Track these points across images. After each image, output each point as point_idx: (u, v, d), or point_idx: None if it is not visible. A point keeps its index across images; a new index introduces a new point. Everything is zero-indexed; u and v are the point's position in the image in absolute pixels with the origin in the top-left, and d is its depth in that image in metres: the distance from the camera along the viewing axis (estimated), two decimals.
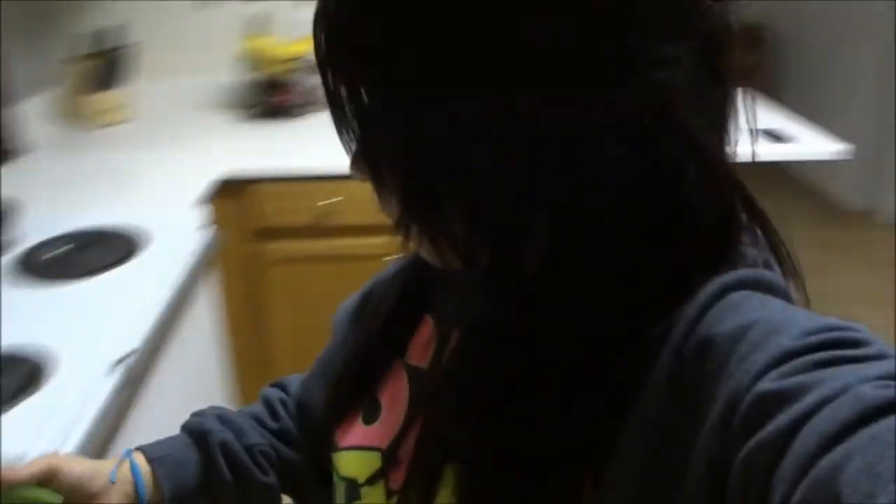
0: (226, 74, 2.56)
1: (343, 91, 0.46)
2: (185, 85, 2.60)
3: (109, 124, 2.41)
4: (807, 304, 0.46)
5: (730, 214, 0.46)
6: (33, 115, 2.23)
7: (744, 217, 0.47)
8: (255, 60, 2.41)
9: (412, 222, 0.48)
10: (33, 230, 1.56)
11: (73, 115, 2.42)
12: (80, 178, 2.00)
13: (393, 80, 0.44)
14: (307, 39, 2.28)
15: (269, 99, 2.46)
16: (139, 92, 2.49)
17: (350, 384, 0.65)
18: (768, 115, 2.48)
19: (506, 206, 0.44)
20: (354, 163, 0.50)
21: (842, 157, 2.26)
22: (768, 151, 2.20)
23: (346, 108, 0.47)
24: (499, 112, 0.41)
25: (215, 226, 1.74)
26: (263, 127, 2.41)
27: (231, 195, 2.03)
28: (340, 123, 0.48)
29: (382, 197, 0.50)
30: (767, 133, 2.27)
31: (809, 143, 2.24)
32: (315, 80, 2.46)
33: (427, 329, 0.62)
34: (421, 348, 0.62)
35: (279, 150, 2.22)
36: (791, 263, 0.48)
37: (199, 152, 2.17)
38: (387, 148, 0.46)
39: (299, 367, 0.79)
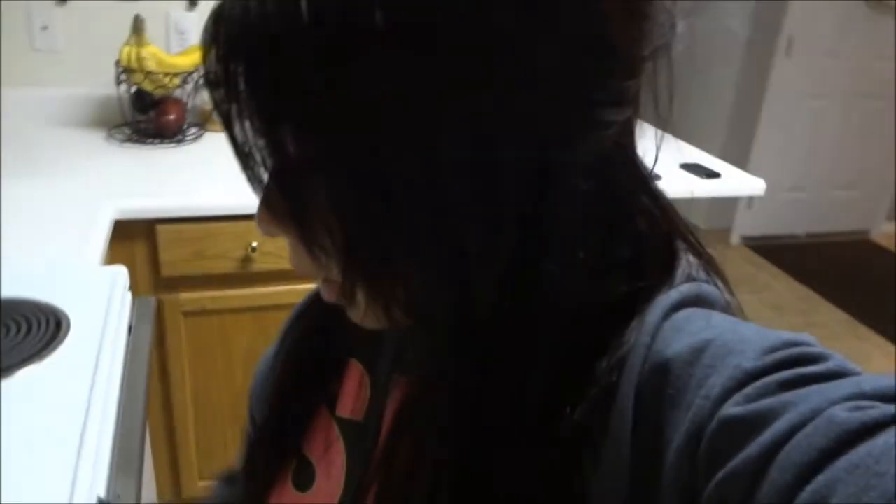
0: (96, 86, 2.14)
1: (257, 134, 0.40)
2: (47, 97, 2.16)
3: None
4: (741, 310, 0.46)
5: (670, 238, 0.46)
6: None
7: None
8: (134, 71, 2.02)
9: (358, 286, 0.43)
10: None
11: None
12: None
13: (336, 124, 0.38)
14: (195, 50, 1.94)
15: (149, 117, 2.08)
16: None
17: (271, 441, 0.60)
18: (689, 150, 2.46)
19: (470, 257, 0.41)
20: (270, 219, 0.44)
21: (757, 193, 2.28)
22: (701, 188, 2.17)
23: (259, 156, 0.41)
24: (463, 157, 0.38)
25: (130, 290, 1.39)
26: (146, 151, 2.02)
27: (126, 238, 1.66)
28: (251, 175, 0.42)
29: (312, 257, 0.44)
30: (696, 167, 2.24)
31: (732, 180, 2.23)
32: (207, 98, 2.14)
33: (354, 376, 0.58)
34: (351, 398, 0.58)
35: (178, 181, 1.85)
36: (722, 273, 0.48)
37: (78, 182, 1.77)
38: (322, 205, 0.41)
39: (208, 433, 0.63)
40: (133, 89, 2.09)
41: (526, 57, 0.37)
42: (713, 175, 2.21)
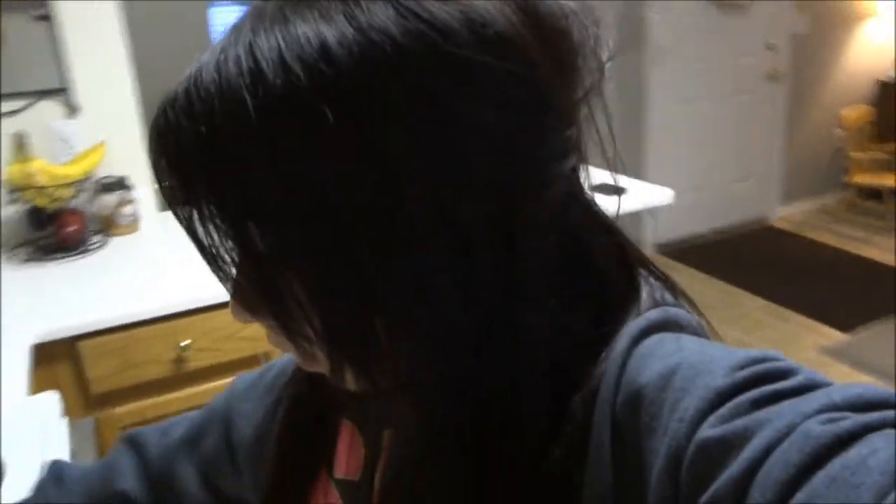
0: None
1: (222, 235, 0.41)
2: None
3: None
4: (711, 328, 0.47)
5: (629, 266, 0.47)
6: None
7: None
8: (25, 189, 1.93)
9: (345, 364, 0.44)
10: None
11: None
12: None
13: (299, 215, 0.39)
14: (85, 157, 1.90)
15: (48, 232, 1.99)
16: None
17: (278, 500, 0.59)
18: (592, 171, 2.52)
19: (448, 321, 0.41)
20: (244, 310, 0.45)
21: (666, 201, 2.35)
22: (608, 205, 2.22)
23: (226, 255, 0.42)
24: (427, 229, 0.39)
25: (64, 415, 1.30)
26: (51, 267, 1.93)
27: (48, 361, 1.57)
28: (220, 274, 0.43)
29: (294, 344, 0.44)
30: (603, 187, 2.29)
31: (640, 193, 2.30)
32: (106, 201, 2.07)
33: (346, 435, 0.58)
34: (345, 458, 0.58)
35: (92, 293, 1.77)
36: (686, 295, 0.48)
37: None
38: (297, 294, 0.41)
39: None
40: (26, 207, 2.00)
41: (469, 123, 0.38)
42: (620, 191, 2.26)
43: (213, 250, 0.42)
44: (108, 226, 2.10)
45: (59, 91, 2.12)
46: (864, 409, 0.32)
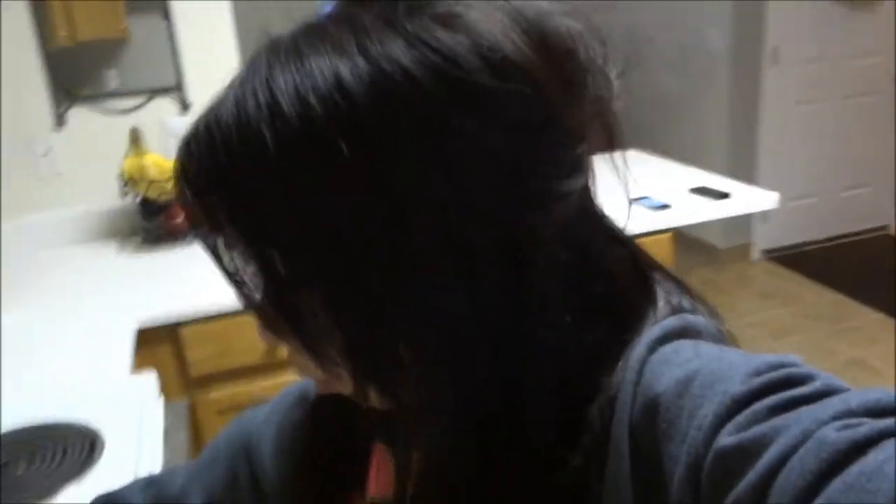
0: (102, 201, 2.17)
1: (245, 261, 0.43)
2: (56, 219, 2.18)
3: None
4: (730, 334, 0.47)
5: (644, 275, 0.47)
6: None
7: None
8: (138, 181, 2.05)
9: (369, 384, 0.45)
10: None
11: None
12: None
13: (317, 242, 0.40)
14: None
15: (157, 223, 2.10)
16: None
17: None
18: (695, 173, 2.46)
19: (465, 341, 0.42)
20: (271, 335, 0.47)
21: (771, 206, 2.26)
22: (710, 209, 2.16)
23: (250, 281, 0.43)
24: (437, 250, 0.40)
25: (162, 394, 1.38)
26: (160, 256, 2.03)
27: (151, 345, 1.66)
28: (245, 299, 0.45)
29: (321, 366, 0.45)
30: (705, 190, 2.23)
31: (744, 197, 2.22)
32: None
33: (377, 455, 0.59)
34: (376, 477, 0.58)
35: (195, 282, 1.85)
36: (703, 299, 0.48)
37: (98, 298, 1.78)
38: (321, 317, 0.42)
39: None
40: (139, 198, 2.12)
41: (478, 148, 0.39)
42: (723, 195, 2.19)
43: (237, 276, 0.44)
44: None
45: (174, 89, 2.24)
46: (882, 415, 0.31)
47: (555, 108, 0.41)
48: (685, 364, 0.40)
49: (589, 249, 0.45)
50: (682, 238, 4.41)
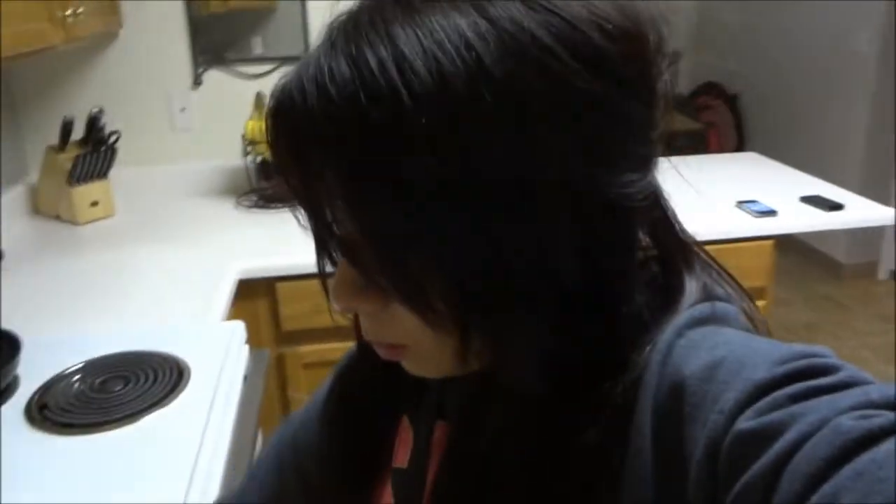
0: (227, 158, 2.34)
1: (349, 219, 0.43)
2: (185, 171, 2.37)
3: (94, 220, 2.14)
4: (762, 321, 0.48)
5: (688, 259, 0.49)
6: (6, 211, 1.96)
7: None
8: (258, 143, 2.19)
9: (476, 336, 0.45)
10: (31, 363, 1.27)
11: (52, 211, 2.16)
12: (71, 285, 1.73)
13: (438, 195, 0.40)
14: None
15: (273, 184, 2.24)
16: (122, 183, 2.24)
17: (347, 493, 0.62)
18: (810, 181, 2.37)
19: (566, 295, 0.44)
20: (352, 294, 0.47)
21: (886, 223, 2.15)
22: (822, 221, 2.08)
23: (347, 233, 0.44)
24: (557, 200, 0.42)
25: (247, 343, 1.49)
26: (270, 215, 2.17)
27: (249, 296, 1.79)
28: (330, 255, 0.48)
29: (425, 320, 0.44)
30: (817, 199, 2.15)
31: (858, 211, 2.12)
32: None
33: (403, 430, 0.61)
34: (402, 451, 0.60)
35: (298, 241, 1.97)
36: (737, 283, 0.50)
37: (208, 247, 1.93)
38: (429, 270, 0.42)
39: None
40: (258, 159, 2.26)
41: (599, 105, 0.41)
42: (836, 207, 2.11)
43: (331, 231, 0.45)
44: None
45: (300, 58, 2.36)
46: None
47: (648, 72, 0.44)
48: (713, 350, 0.41)
49: (651, 223, 0.48)
50: (802, 249, 4.24)
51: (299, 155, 0.43)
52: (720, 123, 5.01)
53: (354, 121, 0.40)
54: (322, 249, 0.48)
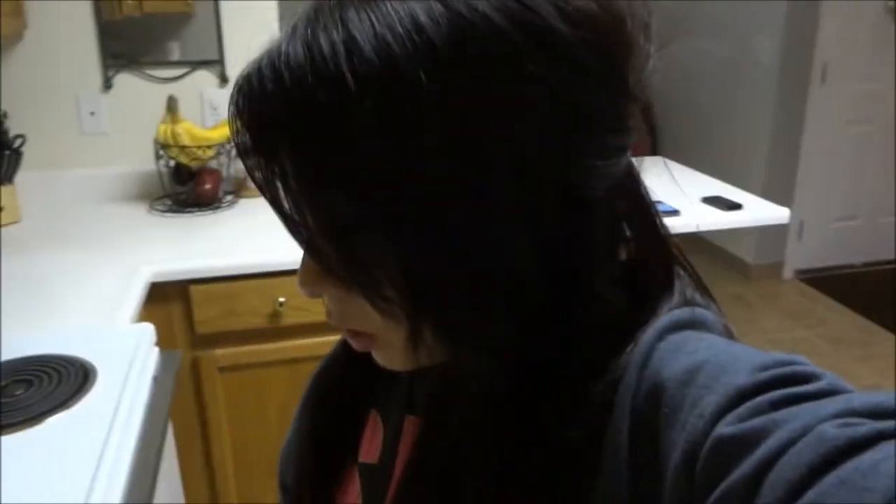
0: (138, 163, 2.31)
1: (305, 200, 0.43)
2: (95, 175, 2.33)
3: None
4: (734, 334, 0.48)
5: (667, 263, 0.49)
6: None
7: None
8: (170, 146, 2.17)
9: (426, 326, 0.45)
10: None
11: None
12: None
13: (392, 183, 0.40)
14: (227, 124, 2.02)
15: (187, 188, 2.22)
16: (27, 188, 2.19)
17: (310, 489, 0.62)
18: (711, 183, 2.48)
19: (523, 285, 0.44)
20: (316, 280, 0.47)
21: (781, 221, 2.27)
22: (721, 220, 2.18)
23: (308, 219, 0.44)
24: (510, 189, 0.41)
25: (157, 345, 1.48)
26: (184, 219, 2.15)
27: (162, 299, 1.77)
28: (298, 237, 0.45)
29: (376, 308, 0.45)
30: (717, 200, 2.25)
31: (756, 210, 2.23)
32: (241, 166, 2.27)
33: (372, 424, 0.61)
34: (372, 445, 0.60)
35: (211, 245, 1.97)
36: (714, 300, 0.50)
37: (120, 251, 1.89)
38: (381, 257, 0.43)
39: (247, 484, 0.68)
40: (171, 163, 2.24)
41: (552, 91, 0.41)
42: (734, 206, 2.21)
43: (292, 214, 0.44)
44: (240, 188, 2.30)
45: (215, 62, 2.35)
46: (883, 417, 0.31)
47: (615, 60, 0.43)
48: (693, 354, 0.40)
49: (627, 222, 0.48)
50: (712, 250, 4.41)
51: (256, 140, 0.43)
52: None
53: (303, 104, 0.40)
54: (291, 232, 0.47)
